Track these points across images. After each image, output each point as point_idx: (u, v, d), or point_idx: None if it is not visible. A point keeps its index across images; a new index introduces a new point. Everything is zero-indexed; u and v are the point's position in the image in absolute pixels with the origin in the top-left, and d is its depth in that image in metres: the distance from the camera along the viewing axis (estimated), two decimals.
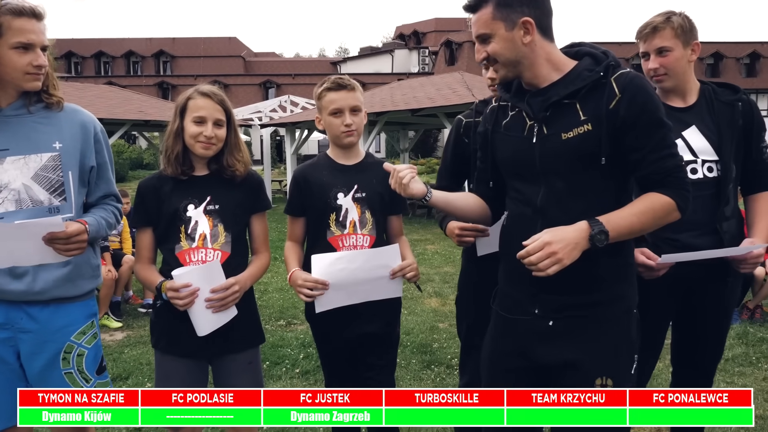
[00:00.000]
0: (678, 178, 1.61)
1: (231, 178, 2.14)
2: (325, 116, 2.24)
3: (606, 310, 1.66)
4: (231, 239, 2.14)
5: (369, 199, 2.27)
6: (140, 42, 46.05)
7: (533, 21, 1.60)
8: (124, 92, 16.87)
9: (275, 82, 41.74)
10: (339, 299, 2.19)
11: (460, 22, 42.46)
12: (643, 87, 1.59)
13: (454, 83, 12.13)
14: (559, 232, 1.54)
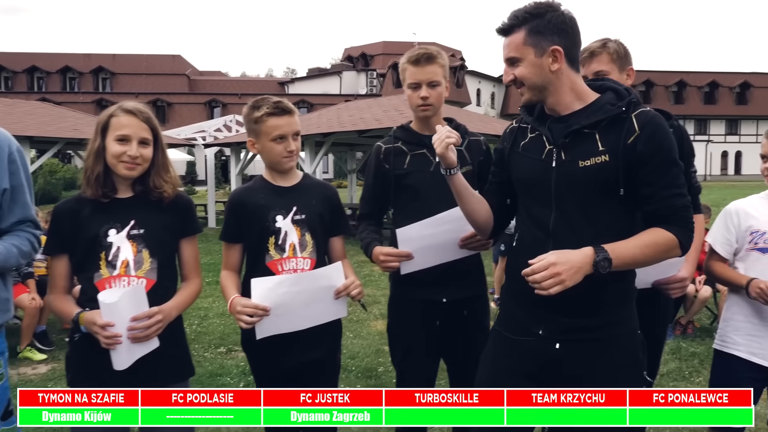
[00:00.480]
0: (684, 218, 1.66)
1: (158, 200, 2.03)
2: (266, 142, 2.15)
3: (611, 332, 1.70)
4: (157, 266, 2.00)
5: (309, 221, 2.21)
6: (77, 57, 44.41)
7: (562, 50, 1.66)
8: (58, 109, 16.13)
9: (221, 101, 41.11)
10: (281, 325, 2.10)
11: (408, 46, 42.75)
12: (662, 127, 1.65)
13: (400, 105, 12.21)
14: (566, 255, 1.58)
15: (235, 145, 14.50)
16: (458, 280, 2.32)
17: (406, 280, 2.36)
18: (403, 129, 2.42)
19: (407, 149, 2.36)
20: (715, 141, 44.45)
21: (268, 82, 51.60)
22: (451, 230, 2.18)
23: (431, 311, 2.33)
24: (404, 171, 2.34)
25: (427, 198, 2.29)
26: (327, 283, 2.13)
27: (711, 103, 44.81)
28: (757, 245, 2.35)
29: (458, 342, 2.38)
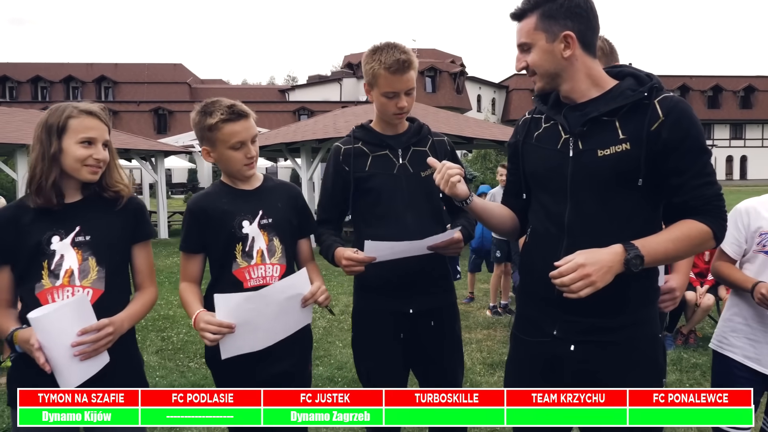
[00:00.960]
0: (717, 207, 1.57)
1: (113, 200, 1.90)
2: (224, 150, 1.99)
3: (631, 334, 1.62)
4: (105, 274, 1.86)
5: (276, 225, 2.08)
6: (80, 67, 44.71)
7: (575, 35, 1.58)
8: None
9: None
10: (247, 343, 1.96)
11: None
12: (688, 111, 1.56)
13: None
14: (594, 255, 1.50)
15: None
16: (425, 290, 2.19)
17: (369, 290, 2.24)
18: (363, 129, 2.26)
19: (368, 150, 2.21)
20: (719, 146, 44.17)
21: (269, 90, 51.70)
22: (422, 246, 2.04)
23: (397, 323, 2.19)
24: (365, 173, 2.19)
25: (390, 202, 2.15)
26: (293, 292, 1.99)
27: (715, 107, 44.62)
28: (765, 248, 2.23)
29: (427, 353, 2.25)
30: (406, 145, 2.19)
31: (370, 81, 2.12)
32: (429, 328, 2.20)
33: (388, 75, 2.05)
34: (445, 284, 2.28)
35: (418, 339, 2.21)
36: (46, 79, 42.97)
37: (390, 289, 2.16)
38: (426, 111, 13.73)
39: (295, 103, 44.17)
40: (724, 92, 44.24)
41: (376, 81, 2.09)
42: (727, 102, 44.38)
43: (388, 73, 2.05)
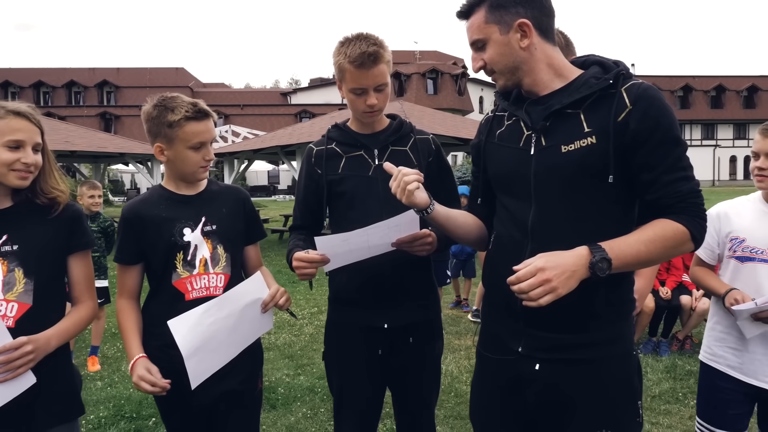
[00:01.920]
0: (693, 204, 1.41)
1: (47, 207, 1.77)
2: (182, 149, 1.88)
3: (602, 352, 1.47)
4: (33, 287, 1.73)
5: (221, 232, 1.96)
6: (82, 72, 44.94)
7: (530, 22, 1.46)
8: (51, 122, 16.06)
9: (223, 113, 41.24)
10: (214, 361, 1.83)
11: (408, 55, 43.25)
12: (658, 99, 1.41)
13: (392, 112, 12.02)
14: (555, 257, 1.35)
15: (228, 155, 14.34)
16: (403, 303, 2.02)
17: (343, 302, 2.09)
18: (338, 128, 2.11)
19: (342, 151, 2.05)
20: (723, 146, 43.91)
21: (271, 93, 51.71)
22: (384, 236, 1.85)
23: (372, 338, 2.03)
24: (338, 176, 2.03)
25: (364, 206, 1.99)
26: (251, 298, 1.87)
27: (718, 107, 44.35)
28: (735, 253, 2.11)
29: (404, 371, 2.10)
30: (383, 144, 2.03)
31: (338, 76, 1.96)
32: (407, 345, 2.05)
33: (354, 70, 1.88)
34: (425, 298, 2.10)
35: (394, 356, 2.06)
36: (48, 84, 43.18)
37: (364, 302, 2.01)
38: (423, 112, 13.62)
39: (296, 106, 44.19)
40: (727, 92, 44.00)
41: (343, 76, 1.93)
42: (731, 102, 44.14)
43: (354, 68, 1.87)
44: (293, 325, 6.04)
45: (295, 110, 42.89)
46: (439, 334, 2.16)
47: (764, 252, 2.03)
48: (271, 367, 4.75)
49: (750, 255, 2.06)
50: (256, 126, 31.31)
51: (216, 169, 20.40)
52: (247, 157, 14.33)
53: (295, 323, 6.08)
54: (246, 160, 14.69)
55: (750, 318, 2.00)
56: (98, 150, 13.71)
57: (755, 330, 2.01)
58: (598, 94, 1.43)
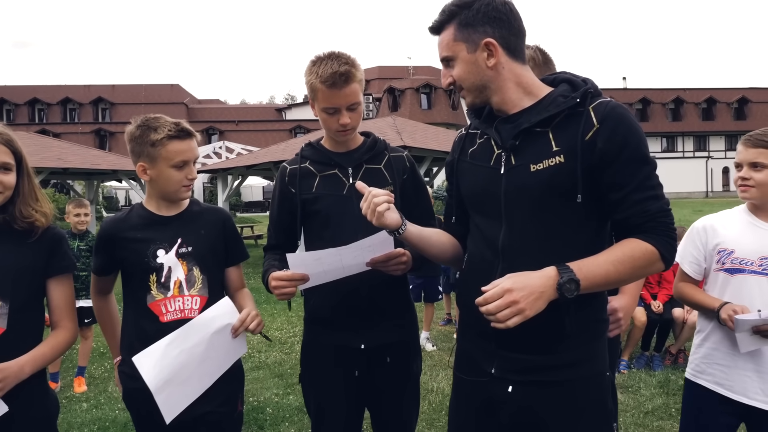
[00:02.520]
0: (662, 224, 1.40)
1: (26, 231, 1.74)
2: (165, 168, 1.89)
3: (575, 373, 1.47)
4: (8, 311, 1.69)
5: (197, 254, 1.95)
6: (78, 89, 45.00)
7: (496, 42, 1.46)
8: (44, 139, 16.06)
9: (218, 129, 41.37)
10: (186, 395, 1.79)
11: (402, 70, 43.56)
12: (625, 117, 1.41)
13: (385, 127, 12.05)
14: (523, 278, 1.34)
15: (222, 171, 14.33)
16: (380, 323, 2.00)
17: (319, 323, 2.06)
18: (311, 147, 2.10)
19: (316, 170, 2.04)
20: (715, 157, 44.18)
21: (266, 109, 51.87)
22: (357, 256, 1.83)
23: (348, 359, 2.01)
24: (312, 195, 2.02)
25: (339, 225, 1.97)
26: (220, 324, 1.83)
27: (709, 119, 44.69)
28: (724, 265, 2.07)
29: (382, 391, 2.07)
30: (357, 162, 2.03)
31: (311, 95, 1.96)
32: (384, 365, 2.03)
33: (325, 89, 1.87)
34: (402, 317, 2.08)
35: (372, 376, 2.04)
36: (43, 101, 43.19)
37: (339, 322, 1.99)
38: (416, 127, 13.66)
39: (291, 121, 44.34)
40: (718, 104, 44.39)
41: (315, 96, 1.92)
42: (722, 114, 44.51)
43: (325, 87, 1.87)
44: (284, 343, 5.98)
45: (290, 126, 43.03)
46: (417, 353, 2.14)
47: (754, 263, 2.00)
48: (260, 386, 4.69)
49: (740, 267, 2.03)
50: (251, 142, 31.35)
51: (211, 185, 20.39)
52: (240, 173, 14.32)
53: (286, 341, 6.02)
54: (240, 176, 14.68)
55: (750, 331, 1.93)
56: (91, 167, 13.65)
57: (752, 345, 1.95)
58: (566, 112, 1.43)
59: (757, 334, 1.92)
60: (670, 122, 44.33)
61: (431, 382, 4.64)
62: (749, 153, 2.01)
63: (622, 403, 4.16)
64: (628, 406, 4.12)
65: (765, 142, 1.98)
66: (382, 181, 2.00)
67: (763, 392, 1.96)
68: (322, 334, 2.05)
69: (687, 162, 44.01)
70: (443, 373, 4.86)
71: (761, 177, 1.98)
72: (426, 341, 5.73)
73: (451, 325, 6.67)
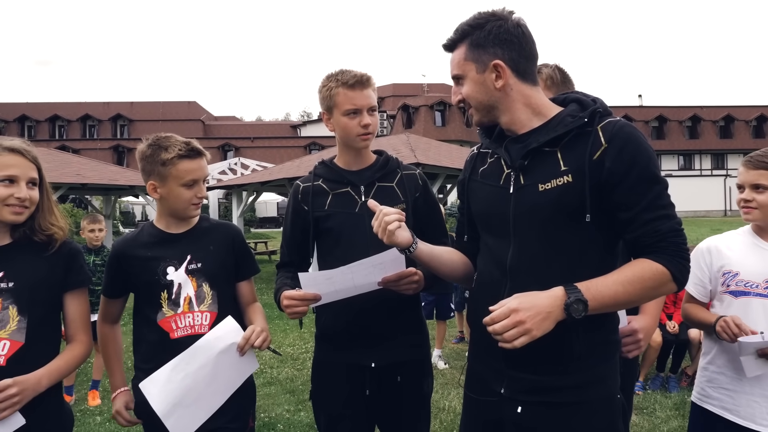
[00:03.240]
0: (674, 244, 1.38)
1: (45, 244, 1.80)
2: (175, 186, 1.93)
3: (584, 395, 1.45)
4: (27, 325, 1.73)
5: (206, 270, 1.98)
6: (97, 106, 45.87)
7: (505, 64, 1.47)
8: (63, 155, 16.38)
9: (234, 145, 41.82)
10: (196, 416, 1.81)
11: (417, 88, 43.82)
12: (634, 137, 1.41)
13: (399, 144, 12.12)
14: (530, 299, 1.34)
15: (236, 187, 14.46)
16: (390, 342, 2.00)
17: (329, 341, 2.07)
18: (324, 165, 2.13)
19: (328, 188, 2.07)
20: (733, 176, 43.56)
21: (281, 126, 52.43)
22: (369, 275, 1.84)
23: (358, 377, 2.01)
24: (325, 213, 2.04)
25: (350, 243, 1.99)
26: (225, 343, 1.85)
27: (727, 137, 44.23)
28: (729, 288, 2.05)
29: (392, 411, 2.06)
30: (370, 180, 2.05)
31: (328, 105, 1.99)
32: (395, 384, 2.02)
33: (348, 91, 1.94)
34: (413, 336, 2.08)
35: (382, 395, 2.03)
36: (63, 117, 44.07)
37: (350, 340, 2.00)
38: (429, 144, 13.71)
39: (306, 138, 44.72)
40: (736, 122, 43.96)
41: (334, 101, 1.96)
42: (740, 132, 44.03)
43: (347, 89, 1.94)
44: (296, 359, 5.98)
45: (305, 142, 43.40)
46: (429, 372, 2.13)
47: (759, 286, 1.98)
48: (271, 402, 4.69)
49: (744, 289, 2.01)
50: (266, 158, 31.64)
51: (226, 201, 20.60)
52: (255, 189, 14.45)
53: (298, 357, 6.02)
54: (254, 192, 14.82)
55: (755, 354, 1.90)
56: (109, 183, 13.90)
57: (759, 369, 1.91)
58: (575, 132, 1.43)
59: (762, 358, 1.89)
60: (687, 140, 43.90)
61: (443, 401, 4.61)
62: (750, 175, 2.00)
63: (637, 425, 4.10)
64: (643, 428, 4.05)
65: (766, 164, 1.97)
66: (395, 199, 2.02)
67: None
68: (333, 351, 2.06)
69: (705, 180, 43.49)
70: (455, 392, 4.82)
71: (763, 199, 1.97)
72: (438, 359, 5.70)
73: (464, 343, 6.62)
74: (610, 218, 1.42)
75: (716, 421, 2.02)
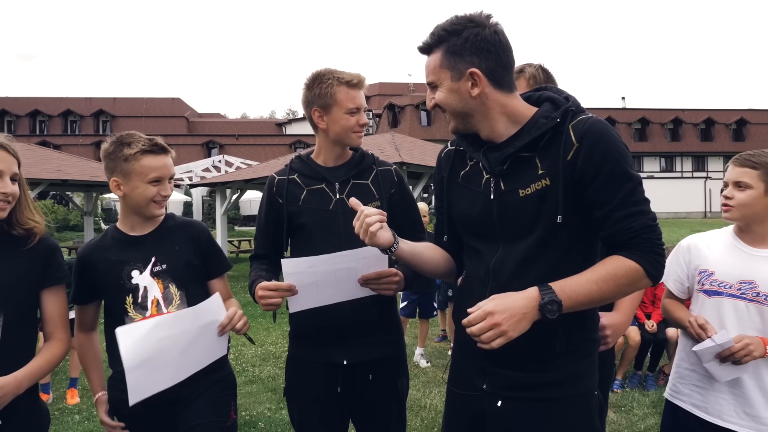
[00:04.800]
0: (647, 240, 1.39)
1: (25, 237, 1.76)
2: (138, 183, 1.89)
3: (563, 391, 1.48)
4: (2, 323, 1.69)
5: (172, 271, 1.95)
6: (79, 101, 45.21)
7: (481, 72, 1.44)
8: (43, 150, 16.10)
9: (218, 143, 41.45)
10: (157, 381, 1.74)
11: (403, 87, 43.91)
12: (605, 133, 1.40)
13: (383, 143, 12.14)
14: (505, 301, 1.36)
15: (220, 184, 14.36)
16: (363, 339, 2.00)
17: (302, 338, 2.07)
18: (300, 160, 2.13)
19: (303, 183, 2.07)
20: (713, 177, 44.32)
21: (266, 123, 52.11)
22: (352, 269, 1.85)
23: (330, 375, 2.01)
24: (298, 208, 2.04)
25: (322, 240, 1.98)
26: (208, 318, 1.83)
27: (708, 140, 44.90)
28: (703, 286, 2.07)
29: (366, 408, 2.07)
30: (345, 177, 2.05)
31: (326, 102, 1.98)
32: (367, 382, 2.03)
33: (350, 90, 1.97)
34: (387, 334, 2.08)
35: (355, 393, 2.04)
36: (44, 113, 43.34)
37: (323, 338, 2.00)
38: (414, 143, 13.74)
39: (291, 136, 44.50)
40: (716, 125, 44.62)
41: (335, 99, 1.97)
42: (720, 135, 44.71)
43: (349, 88, 1.98)
44: (278, 357, 5.96)
45: (290, 140, 43.16)
46: (404, 371, 2.14)
47: (732, 287, 1.98)
48: (253, 400, 4.68)
49: (717, 289, 2.02)
50: (251, 156, 31.44)
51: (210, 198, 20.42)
52: (239, 186, 14.37)
53: (281, 355, 6.01)
54: (238, 189, 14.73)
55: (716, 360, 1.91)
56: (90, 179, 13.68)
57: (727, 375, 1.92)
58: (549, 133, 1.43)
59: (726, 362, 1.89)
60: (669, 142, 44.48)
61: (424, 399, 4.63)
62: (735, 172, 1.98)
63: (615, 422, 4.16)
64: (621, 425, 4.11)
65: (751, 162, 1.95)
66: (369, 197, 2.02)
67: (737, 415, 1.94)
68: (305, 348, 2.06)
69: (686, 182, 44.10)
70: (436, 390, 4.85)
71: (743, 197, 1.95)
72: (420, 357, 5.72)
73: (446, 341, 6.65)
74: (585, 217, 1.43)
75: (686, 417, 2.04)
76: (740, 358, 1.86)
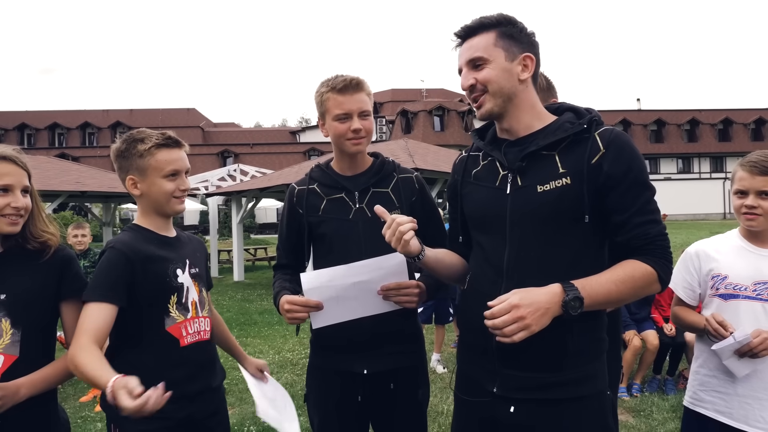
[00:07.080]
0: (661, 247, 1.47)
1: (38, 251, 1.74)
2: (156, 179, 1.83)
3: (576, 391, 1.50)
4: (20, 338, 1.66)
5: (202, 276, 1.98)
6: (96, 114, 45.99)
7: (534, 59, 1.55)
8: (62, 163, 16.37)
9: (233, 152, 41.87)
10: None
11: (415, 93, 43.98)
12: (629, 144, 1.50)
13: (397, 149, 12.16)
14: (530, 294, 1.40)
15: (236, 193, 14.48)
16: (384, 348, 1.98)
17: (323, 346, 2.06)
18: (320, 169, 2.11)
19: (323, 193, 2.05)
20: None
21: (280, 132, 52.51)
22: (371, 280, 1.85)
23: (351, 384, 2.00)
24: (318, 218, 2.03)
25: (342, 250, 1.97)
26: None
27: (726, 140, 44.32)
28: (718, 291, 2.07)
29: (385, 418, 2.07)
30: (364, 186, 2.02)
31: (321, 110, 1.99)
32: (388, 391, 2.01)
33: (337, 96, 1.92)
34: (407, 344, 2.05)
35: (375, 402, 2.03)
36: (63, 125, 44.14)
37: (343, 347, 1.99)
38: (428, 149, 13.76)
39: (305, 144, 44.77)
40: (734, 125, 44.04)
41: (326, 106, 1.95)
42: (738, 135, 44.10)
43: (336, 93, 1.92)
44: (296, 364, 6.00)
45: (304, 148, 43.45)
46: (424, 381, 2.11)
47: (747, 288, 2.00)
48: None
49: (734, 292, 2.03)
50: (266, 164, 31.71)
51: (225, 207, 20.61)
52: (254, 195, 14.47)
53: (298, 362, 6.04)
54: (254, 198, 14.84)
55: (735, 356, 1.94)
56: (109, 190, 13.90)
57: (745, 369, 1.95)
58: (572, 138, 1.50)
59: (745, 357, 1.92)
60: (685, 143, 43.99)
61: (441, 405, 4.63)
62: (756, 181, 1.95)
63: (635, 427, 4.12)
64: (640, 430, 4.07)
65: None
66: (389, 205, 1.97)
67: (763, 419, 1.94)
68: (326, 357, 2.05)
69: (704, 183, 43.54)
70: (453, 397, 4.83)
71: None
72: (437, 363, 5.72)
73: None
74: (603, 220, 1.49)
75: (710, 424, 2.03)
76: (759, 353, 1.89)
